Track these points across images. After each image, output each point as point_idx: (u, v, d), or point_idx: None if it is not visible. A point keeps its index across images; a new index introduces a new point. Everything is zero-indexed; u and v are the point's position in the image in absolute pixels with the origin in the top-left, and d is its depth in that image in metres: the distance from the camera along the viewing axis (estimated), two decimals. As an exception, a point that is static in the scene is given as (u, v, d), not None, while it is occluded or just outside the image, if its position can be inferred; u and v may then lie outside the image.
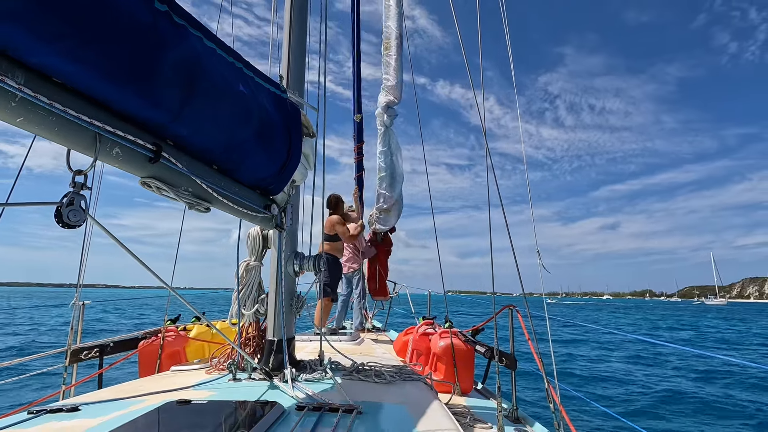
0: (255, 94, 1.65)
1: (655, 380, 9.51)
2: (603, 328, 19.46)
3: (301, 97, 2.54)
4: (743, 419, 6.82)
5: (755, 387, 9.15)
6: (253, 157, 1.73)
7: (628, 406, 7.47)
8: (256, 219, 2.01)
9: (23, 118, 0.88)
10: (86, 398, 1.82)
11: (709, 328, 26.47)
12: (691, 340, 19.27)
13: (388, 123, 5.09)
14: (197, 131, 1.37)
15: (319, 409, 1.60)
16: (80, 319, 3.04)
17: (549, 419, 2.63)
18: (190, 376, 2.31)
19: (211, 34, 1.37)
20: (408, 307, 6.09)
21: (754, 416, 6.98)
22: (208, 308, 6.67)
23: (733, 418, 6.90)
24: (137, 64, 1.05)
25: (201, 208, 1.59)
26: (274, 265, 2.42)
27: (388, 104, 5.04)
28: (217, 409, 1.62)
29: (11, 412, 1.70)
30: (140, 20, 1.03)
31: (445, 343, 3.33)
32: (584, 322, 23.99)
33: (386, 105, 5.03)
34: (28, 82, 0.86)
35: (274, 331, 2.35)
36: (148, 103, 1.14)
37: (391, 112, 5.07)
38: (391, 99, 4.98)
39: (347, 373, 2.34)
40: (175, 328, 3.43)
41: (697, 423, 6.66)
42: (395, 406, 1.80)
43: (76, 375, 3.01)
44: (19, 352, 10.72)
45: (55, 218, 1.01)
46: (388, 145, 5.13)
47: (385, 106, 5.04)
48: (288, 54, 2.57)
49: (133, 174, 1.25)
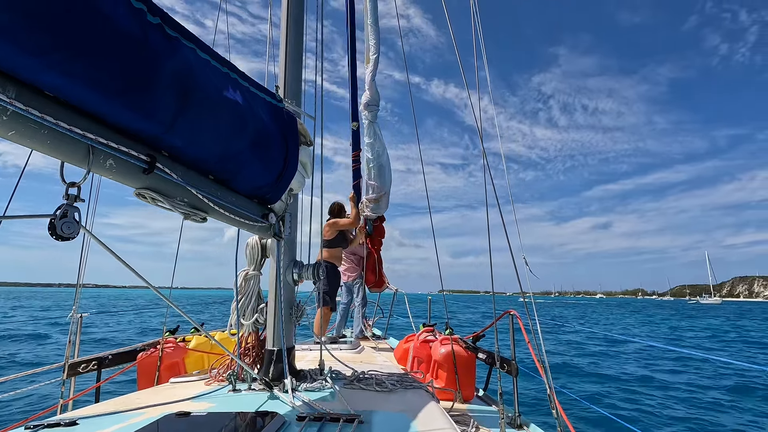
0: (250, 104, 1.65)
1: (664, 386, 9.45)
2: (631, 337, 17.92)
3: (298, 105, 2.54)
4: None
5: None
6: (249, 166, 1.73)
7: (634, 411, 7.41)
8: (254, 228, 2.01)
9: (15, 132, 0.88)
10: (84, 412, 1.81)
11: (736, 329, 25.34)
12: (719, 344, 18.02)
13: (371, 118, 5.43)
14: (192, 142, 1.37)
15: (320, 419, 1.58)
16: (78, 332, 3.02)
17: (552, 425, 2.61)
18: (189, 387, 2.29)
19: (204, 45, 1.37)
20: (406, 307, 6.09)
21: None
22: (198, 309, 6.59)
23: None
24: (129, 76, 1.06)
25: (197, 218, 1.58)
26: (273, 274, 2.41)
27: (368, 102, 5.43)
28: (217, 420, 1.60)
29: (9, 428, 1.68)
30: (132, 33, 1.03)
31: (446, 350, 3.31)
32: (594, 327, 23.30)
33: (366, 103, 5.44)
34: (19, 95, 0.86)
35: (273, 341, 2.33)
36: (142, 115, 1.14)
37: (371, 109, 5.43)
38: (368, 98, 5.46)
39: (348, 382, 2.32)
40: (173, 340, 3.41)
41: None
42: (397, 414, 1.79)
43: (74, 389, 2.98)
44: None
45: (49, 231, 1.01)
46: (374, 136, 5.39)
47: (365, 104, 5.44)
48: (284, 63, 2.58)
49: (128, 185, 1.25)
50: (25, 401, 6.38)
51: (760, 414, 7.24)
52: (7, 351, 11.15)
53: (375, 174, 5.45)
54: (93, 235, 1.30)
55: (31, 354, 10.86)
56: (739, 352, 15.23)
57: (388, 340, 6.05)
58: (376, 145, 5.41)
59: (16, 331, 15.45)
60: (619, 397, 8.01)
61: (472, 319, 26.83)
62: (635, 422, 6.36)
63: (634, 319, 34.65)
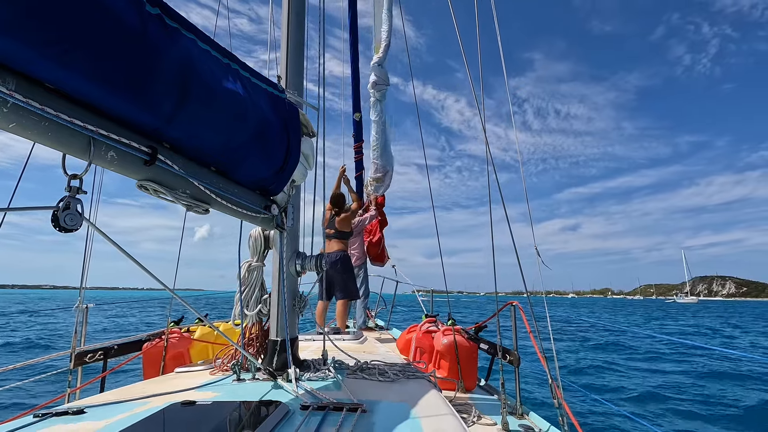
0: (251, 95, 1.64)
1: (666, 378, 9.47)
2: (644, 331, 17.47)
3: (300, 96, 2.53)
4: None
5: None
6: (251, 158, 1.72)
7: (634, 401, 7.45)
8: (256, 220, 2.01)
9: (15, 124, 0.88)
10: (91, 401, 1.83)
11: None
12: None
13: (379, 97, 5.51)
14: (193, 133, 1.37)
15: (323, 408, 1.60)
16: (84, 322, 3.05)
17: (553, 415, 2.62)
18: (194, 377, 2.31)
19: (205, 35, 1.36)
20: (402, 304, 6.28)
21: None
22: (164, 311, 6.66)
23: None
24: (129, 68, 1.05)
25: (200, 210, 1.58)
26: (276, 265, 2.42)
27: (376, 81, 5.49)
28: (222, 409, 1.62)
29: (18, 416, 1.71)
30: (131, 24, 1.02)
31: (449, 341, 3.33)
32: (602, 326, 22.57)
33: (374, 82, 5.49)
34: (19, 87, 0.86)
35: (277, 331, 2.35)
36: (142, 106, 1.14)
37: (379, 88, 5.49)
38: (376, 78, 5.52)
39: (351, 371, 2.34)
40: (178, 330, 3.44)
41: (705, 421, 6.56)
42: (399, 404, 1.80)
43: (81, 378, 3.02)
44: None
45: (52, 223, 1.01)
46: (379, 114, 5.45)
47: (374, 83, 5.50)
48: (286, 53, 2.56)
49: (129, 177, 1.25)
50: (33, 390, 6.48)
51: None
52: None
53: (379, 154, 5.52)
54: (96, 227, 1.31)
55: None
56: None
57: (390, 330, 6.09)
58: (380, 123, 5.48)
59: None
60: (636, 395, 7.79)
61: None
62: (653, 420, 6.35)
63: (637, 317, 33.95)
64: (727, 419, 6.52)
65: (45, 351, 10.97)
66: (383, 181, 5.68)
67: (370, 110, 5.53)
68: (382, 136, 5.49)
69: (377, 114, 5.46)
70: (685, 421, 6.43)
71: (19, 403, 6.02)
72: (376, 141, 5.51)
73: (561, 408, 2.48)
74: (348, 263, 4.98)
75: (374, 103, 5.46)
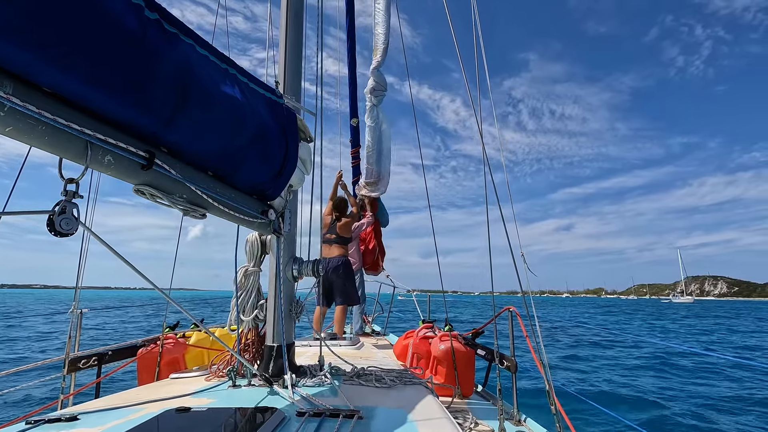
0: (249, 99, 1.64)
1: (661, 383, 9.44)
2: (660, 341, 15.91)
3: (298, 101, 2.53)
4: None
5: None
6: (248, 162, 1.72)
7: (634, 408, 7.42)
8: (253, 224, 2.01)
9: (12, 128, 0.88)
10: (85, 407, 1.81)
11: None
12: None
13: (375, 102, 5.45)
14: (191, 138, 1.37)
15: (319, 415, 1.59)
16: (78, 327, 3.03)
17: (550, 421, 2.61)
18: (189, 383, 2.29)
19: (203, 41, 1.36)
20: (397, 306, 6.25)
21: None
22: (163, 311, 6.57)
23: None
24: (128, 72, 1.05)
25: (197, 215, 1.58)
26: (272, 270, 2.41)
27: (374, 87, 5.44)
28: (217, 416, 1.60)
29: (9, 423, 1.69)
30: (130, 29, 1.02)
31: (446, 347, 3.32)
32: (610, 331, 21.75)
33: (372, 87, 5.44)
34: (16, 91, 0.85)
35: (273, 337, 2.34)
36: (140, 111, 1.13)
37: (377, 93, 5.45)
38: (374, 84, 5.48)
39: (348, 377, 2.33)
40: (174, 335, 3.41)
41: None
42: (396, 410, 1.79)
43: (74, 384, 2.99)
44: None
45: (48, 227, 1.00)
46: (376, 120, 5.42)
47: (372, 88, 5.45)
48: (284, 59, 2.57)
49: (127, 181, 1.24)
50: (26, 397, 6.40)
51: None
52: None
53: (374, 160, 5.51)
54: (92, 231, 1.30)
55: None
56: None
57: (387, 336, 6.07)
58: (376, 130, 5.46)
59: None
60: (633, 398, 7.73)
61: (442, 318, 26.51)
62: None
63: (641, 321, 33.17)
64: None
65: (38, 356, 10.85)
66: (377, 185, 5.67)
67: (366, 115, 5.53)
68: (377, 143, 5.47)
69: (373, 120, 5.45)
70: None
71: (12, 409, 5.94)
72: (371, 146, 5.49)
73: (558, 414, 2.47)
74: (349, 269, 4.96)
75: (371, 108, 5.45)
